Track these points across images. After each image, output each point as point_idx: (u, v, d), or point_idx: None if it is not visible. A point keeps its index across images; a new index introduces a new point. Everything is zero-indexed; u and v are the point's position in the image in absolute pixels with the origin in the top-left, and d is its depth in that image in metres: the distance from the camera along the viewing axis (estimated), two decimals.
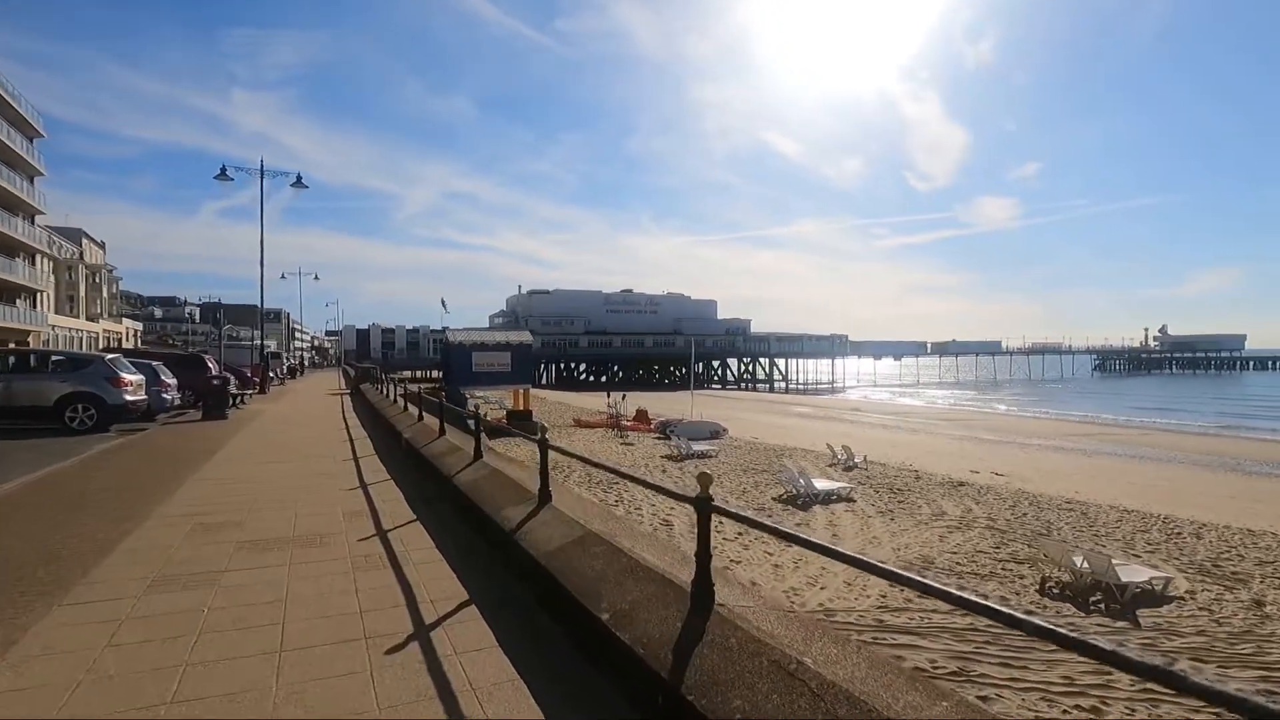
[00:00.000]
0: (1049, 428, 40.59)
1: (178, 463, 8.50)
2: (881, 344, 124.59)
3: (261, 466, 8.28)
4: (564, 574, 3.45)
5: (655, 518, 13.08)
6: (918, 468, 21.56)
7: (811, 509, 14.67)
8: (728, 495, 15.97)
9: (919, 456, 24.99)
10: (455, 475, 6.14)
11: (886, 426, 40.39)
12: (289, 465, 8.42)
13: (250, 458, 8.93)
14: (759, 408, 54.43)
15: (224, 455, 9.15)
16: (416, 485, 7.12)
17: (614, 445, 25.25)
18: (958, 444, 30.88)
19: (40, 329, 46.83)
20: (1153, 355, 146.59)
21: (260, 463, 8.56)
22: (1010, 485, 18.62)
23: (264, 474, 7.73)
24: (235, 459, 8.86)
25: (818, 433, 33.71)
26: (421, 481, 7.26)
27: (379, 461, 8.76)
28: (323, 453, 9.59)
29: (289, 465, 8.42)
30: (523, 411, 28.45)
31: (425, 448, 7.98)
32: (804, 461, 22.02)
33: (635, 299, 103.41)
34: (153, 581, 3.99)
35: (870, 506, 15.04)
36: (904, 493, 16.69)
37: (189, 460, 8.64)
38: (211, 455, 9.11)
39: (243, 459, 8.83)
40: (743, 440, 28.55)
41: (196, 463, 8.42)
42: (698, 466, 20.14)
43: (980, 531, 12.91)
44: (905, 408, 58.60)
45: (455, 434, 8.62)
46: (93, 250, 77.64)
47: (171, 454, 9.21)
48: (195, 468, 8.08)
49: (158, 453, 9.34)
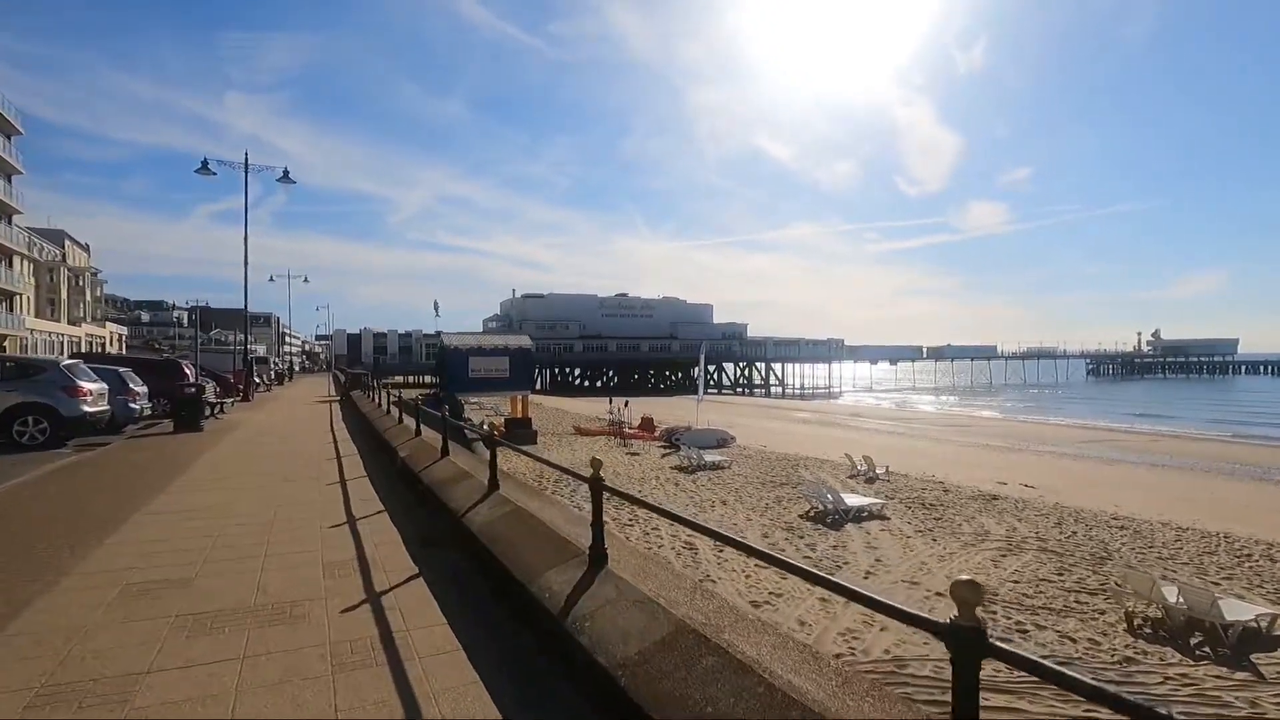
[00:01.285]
0: (1057, 434, 39.58)
1: (130, 488, 7.16)
2: (877, 348, 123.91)
3: (230, 493, 6.96)
4: (663, 705, 2.18)
5: (696, 555, 11.79)
6: (940, 479, 20.41)
7: (844, 528, 13.46)
8: (749, 513, 14.74)
9: (937, 466, 23.84)
10: (467, 514, 4.86)
11: (893, 433, 39.29)
12: (263, 491, 7.10)
13: (219, 481, 7.62)
14: (760, 413, 53.27)
15: (188, 478, 7.83)
16: (416, 521, 5.84)
17: (618, 455, 23.97)
18: (972, 452, 29.78)
19: (17, 333, 45.13)
20: (1146, 360, 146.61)
21: (230, 488, 7.24)
22: (1045, 499, 17.47)
23: (231, 504, 6.41)
24: (200, 483, 7.53)
25: (825, 440, 32.56)
26: (422, 516, 5.97)
27: (370, 486, 7.46)
28: (305, 473, 8.28)
29: (263, 491, 7.10)
30: (522, 419, 27.13)
31: (426, 471, 6.69)
32: (822, 473, 20.84)
33: (630, 303, 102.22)
34: (32, 700, 2.70)
35: (906, 525, 13.84)
36: (937, 508, 15.52)
37: (144, 485, 7.31)
38: (173, 478, 7.79)
39: (209, 483, 7.51)
40: (752, 449, 27.34)
41: (152, 488, 7.10)
42: (710, 479, 18.90)
43: (1035, 555, 11.73)
44: (906, 413, 57.65)
45: (461, 454, 7.34)
46: (76, 253, 75.81)
47: (126, 476, 7.88)
48: (149, 496, 6.76)
49: (110, 475, 8.00)
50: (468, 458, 7.25)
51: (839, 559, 11.28)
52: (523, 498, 5.06)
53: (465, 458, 7.21)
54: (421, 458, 7.47)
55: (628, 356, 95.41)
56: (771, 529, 13.31)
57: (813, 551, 11.70)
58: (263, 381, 32.86)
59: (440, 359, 28.67)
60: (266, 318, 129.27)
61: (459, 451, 7.43)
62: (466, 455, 7.47)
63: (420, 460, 7.34)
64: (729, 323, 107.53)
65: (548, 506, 4.83)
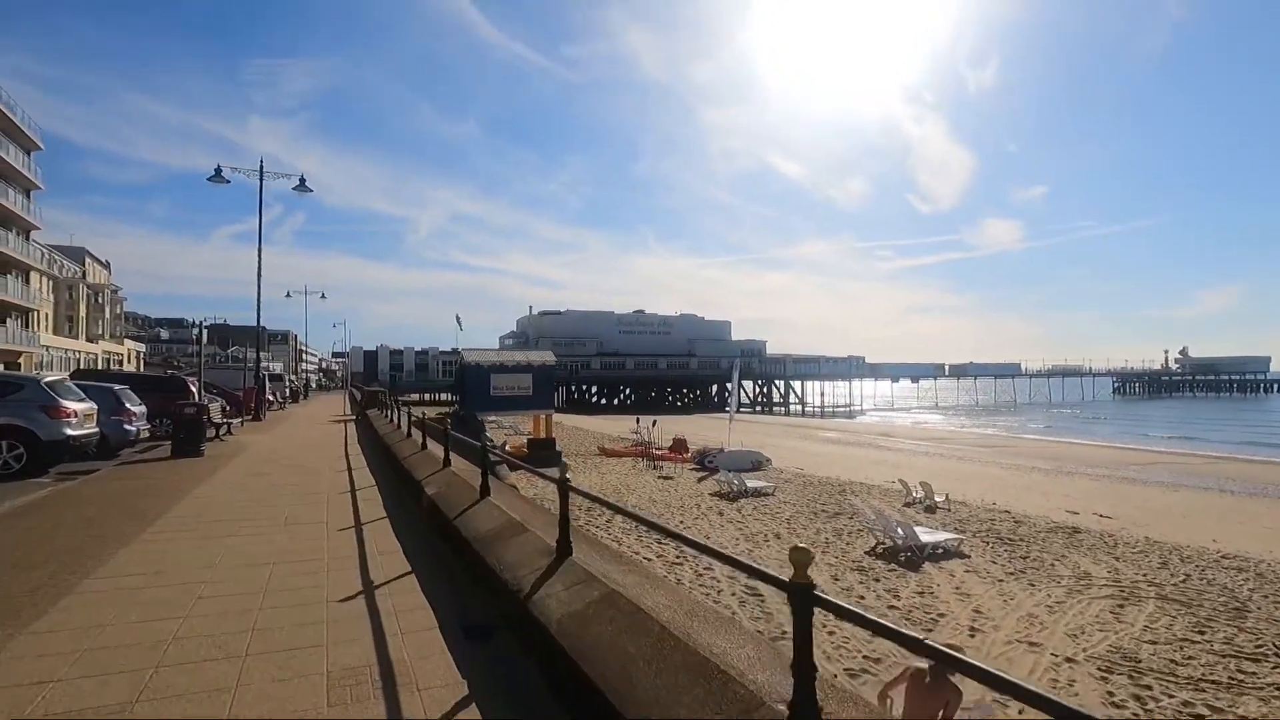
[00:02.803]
0: (1103, 455, 37.51)
1: (93, 536, 5.74)
2: (898, 366, 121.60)
3: (215, 544, 5.55)
4: None
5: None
6: (1004, 507, 18.67)
7: (921, 567, 11.83)
8: (811, 549, 13.12)
9: (992, 491, 22.08)
10: (534, 594, 3.40)
11: (930, 454, 37.44)
12: (257, 542, 5.67)
13: (205, 525, 6.23)
14: (785, 432, 51.49)
15: (170, 520, 6.44)
16: (456, 588, 4.38)
17: (650, 479, 22.41)
18: (1021, 476, 27.89)
19: (32, 350, 44.53)
20: (1174, 377, 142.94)
21: (216, 536, 5.82)
22: (1129, 531, 15.72)
23: (213, 563, 4.99)
24: (182, 528, 6.12)
25: (863, 462, 30.84)
26: (464, 581, 4.51)
27: (391, 532, 6.02)
28: (312, 513, 6.86)
29: (257, 542, 5.67)
30: (546, 440, 25.68)
31: (464, 518, 5.25)
32: (874, 500, 19.16)
33: (648, 319, 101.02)
34: None
35: (992, 564, 12.18)
36: (1017, 543, 13.83)
37: (112, 531, 5.90)
38: (151, 520, 6.39)
39: (192, 528, 6.10)
40: (789, 471, 25.69)
41: (120, 537, 5.70)
42: (756, 508, 17.29)
43: (1157, 605, 10.04)
44: (937, 432, 55.65)
45: (504, 493, 5.89)
46: (96, 270, 75.95)
47: (96, 518, 6.48)
48: (112, 548, 5.36)
49: (77, 516, 6.58)
50: (511, 498, 5.79)
51: (931, 610, 9.66)
52: (610, 569, 3.58)
53: (509, 498, 5.75)
54: (455, 497, 6.03)
55: (645, 374, 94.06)
56: (841, 569, 11.70)
57: (896, 600, 10.08)
58: (276, 399, 31.71)
59: (460, 376, 27.34)
60: (284, 335, 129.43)
61: (501, 490, 5.98)
62: (509, 494, 6.02)
63: (454, 500, 5.89)
64: (748, 339, 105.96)
65: (649, 585, 3.35)
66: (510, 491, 6.14)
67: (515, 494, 6.07)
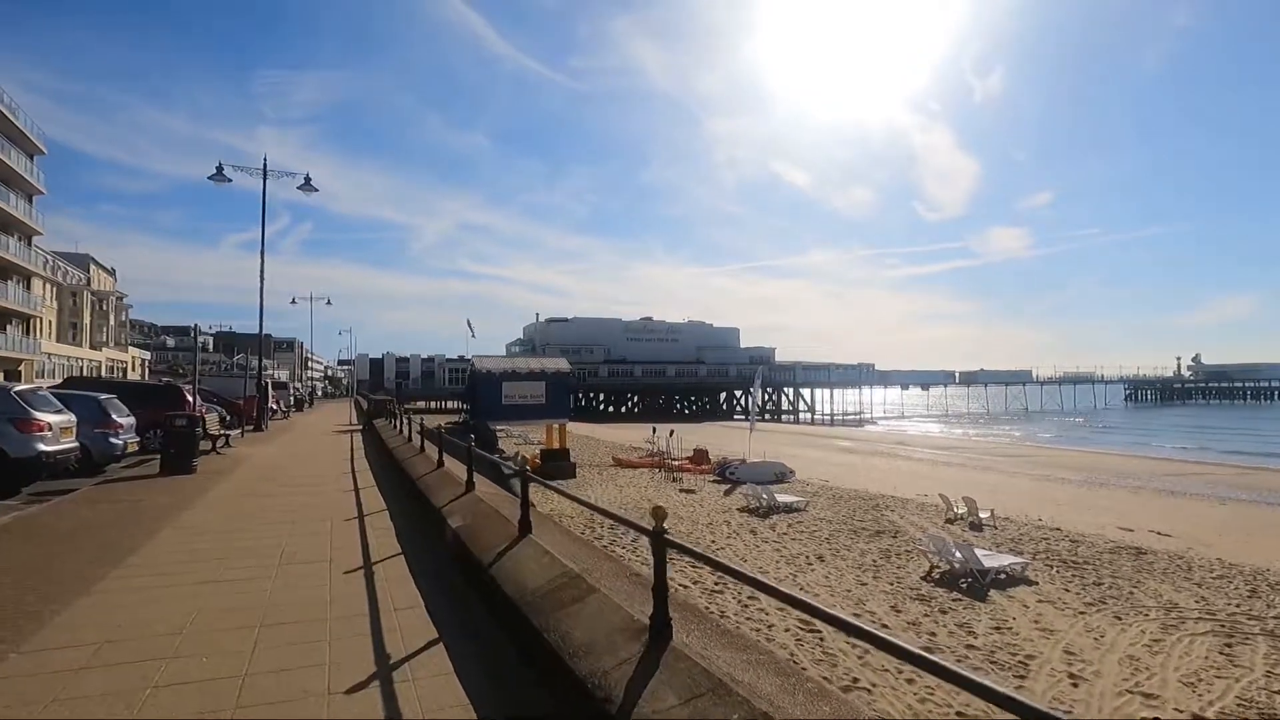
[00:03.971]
0: (1132, 465, 36.16)
1: (43, 584, 4.64)
2: (908, 373, 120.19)
3: (191, 593, 4.44)
4: None
5: None
6: (1051, 523, 17.47)
7: (988, 596, 10.66)
8: (859, 573, 11.98)
9: (1032, 505, 20.89)
10: (633, 714, 2.30)
11: (951, 464, 36.20)
12: (245, 590, 4.58)
13: (183, 565, 5.12)
14: (799, 441, 50.21)
15: (141, 559, 5.34)
16: (502, 683, 3.27)
17: (670, 492, 21.26)
18: (1056, 488, 26.64)
19: (32, 357, 43.73)
20: (1187, 385, 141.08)
21: (194, 582, 4.73)
22: (1196, 551, 14.53)
23: (181, 630, 3.81)
24: (154, 570, 5.02)
25: (888, 473, 29.63)
26: (514, 670, 3.40)
27: (411, 580, 4.89)
28: (312, 549, 5.76)
29: (245, 590, 4.58)
30: (559, 450, 24.56)
31: (503, 565, 4.15)
32: (914, 516, 17.99)
33: (656, 327, 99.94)
34: None
35: (1065, 592, 11.01)
36: (1083, 567, 12.65)
37: (67, 576, 4.81)
38: (118, 558, 5.30)
39: (167, 570, 5.00)
40: (815, 483, 24.51)
41: (77, 583, 4.59)
42: (790, 525, 16.13)
43: (1270, 645, 8.85)
44: (953, 441, 54.32)
45: (546, 530, 4.78)
46: (101, 277, 75.35)
47: (55, 555, 5.38)
48: (55, 607, 4.15)
49: (30, 554, 5.41)
50: (556, 535, 4.67)
51: (1015, 649, 8.50)
52: (736, 664, 2.48)
53: (553, 534, 4.64)
54: (486, 532, 4.93)
55: (654, 381, 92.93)
56: (900, 598, 10.54)
57: (973, 637, 8.92)
58: (279, 408, 30.67)
59: (471, 384, 26.27)
60: (290, 343, 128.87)
61: (543, 525, 4.88)
62: (549, 528, 4.92)
63: (485, 537, 4.79)
64: (756, 347, 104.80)
65: (771, 669, 2.25)
66: (550, 525, 5.04)
67: (558, 529, 4.96)
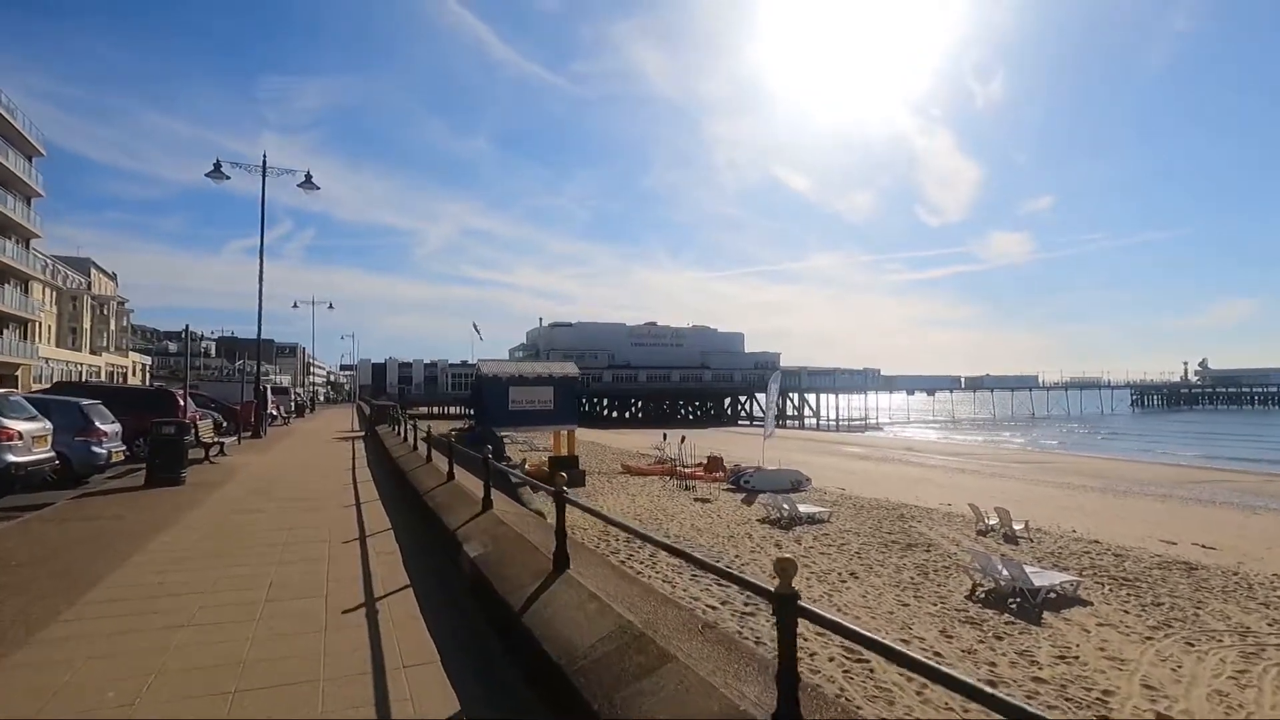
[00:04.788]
0: (1152, 473, 35.29)
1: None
2: (913, 378, 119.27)
3: (154, 650, 3.54)
4: None
5: None
6: (1087, 535, 16.62)
7: (1043, 619, 9.81)
8: (898, 592, 11.12)
9: (1061, 516, 20.05)
10: None
11: (964, 470, 35.35)
12: (223, 639, 3.74)
13: (149, 607, 4.21)
14: (809, 448, 49.37)
15: (103, 594, 4.49)
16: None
17: (683, 501, 20.40)
18: (1080, 496, 25.77)
19: (30, 361, 43.01)
20: (1194, 390, 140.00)
21: (162, 627, 3.90)
22: (1250, 567, 13.66)
23: (136, 698, 2.97)
24: (115, 611, 4.15)
25: (904, 481, 28.76)
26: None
27: (423, 623, 4.07)
28: (306, 581, 4.90)
29: (223, 639, 3.74)
30: (569, 458, 23.73)
31: (539, 613, 3.32)
32: (942, 527, 17.13)
33: (660, 332, 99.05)
34: None
35: (1123, 613, 10.15)
36: (1136, 585, 11.79)
37: (7, 618, 4.00)
38: (77, 593, 4.45)
39: (130, 613, 4.10)
40: (832, 492, 23.65)
41: (14, 631, 3.79)
42: (815, 538, 15.27)
43: None
44: (964, 447, 53.48)
45: (590, 563, 3.96)
46: (102, 281, 74.75)
47: (2, 587, 4.58)
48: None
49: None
50: (602, 572, 3.85)
51: (1088, 682, 7.64)
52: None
53: (599, 572, 3.82)
54: (513, 565, 4.11)
55: (658, 386, 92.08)
56: (948, 621, 9.69)
57: (1038, 668, 8.06)
58: (280, 414, 29.86)
59: (476, 389, 25.45)
60: (292, 348, 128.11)
61: (579, 555, 4.06)
62: (592, 560, 4.10)
63: (513, 572, 3.98)
64: (761, 352, 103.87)
65: None
66: (587, 555, 4.22)
67: (598, 560, 4.13)
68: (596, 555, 4.36)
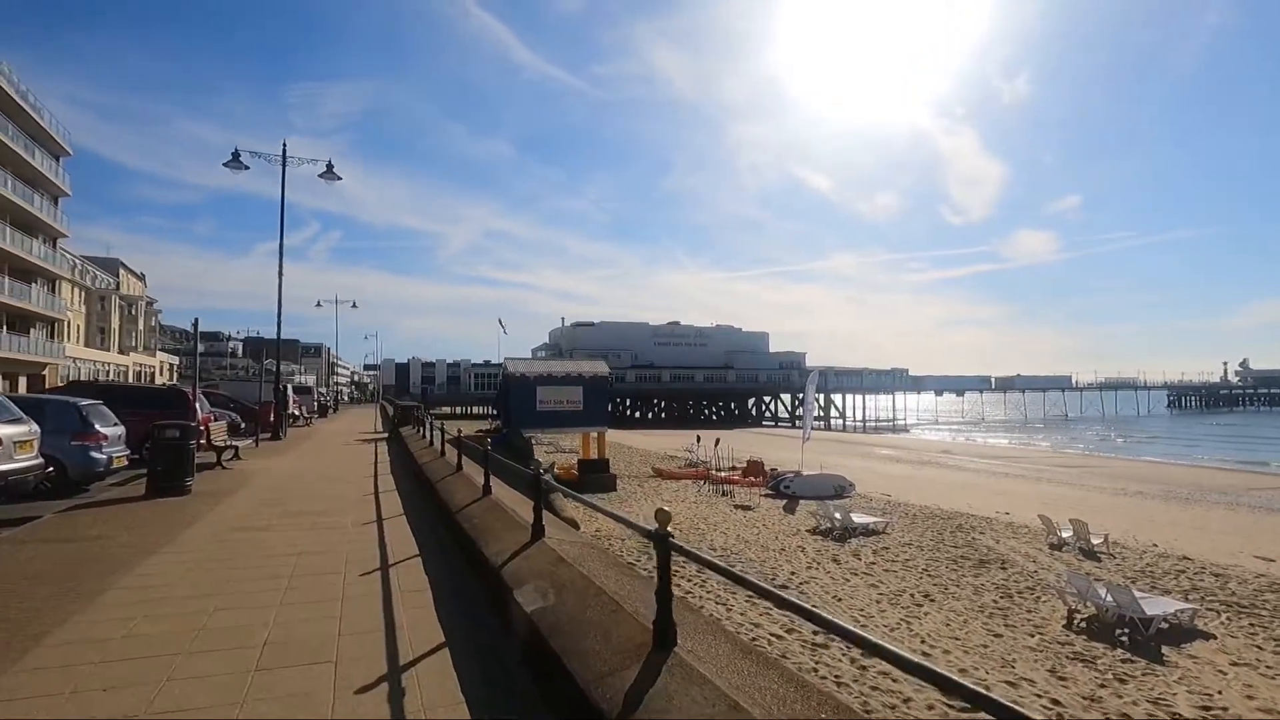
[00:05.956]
0: (1210, 478, 33.29)
1: None
2: (942, 378, 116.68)
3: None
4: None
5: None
6: (1169, 550, 15.12)
7: (1164, 656, 8.46)
8: (984, 619, 9.81)
9: (1132, 527, 18.46)
10: None
11: (1010, 475, 33.65)
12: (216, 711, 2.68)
13: (101, 676, 3.17)
14: (840, 450, 47.80)
15: (46, 655, 3.42)
16: None
17: (723, 509, 19.16)
18: (1142, 504, 24.08)
19: (57, 360, 42.99)
20: (1233, 391, 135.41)
21: (127, 699, 2.85)
22: None
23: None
24: (56, 682, 3.11)
25: (951, 486, 27.22)
26: None
27: (465, 709, 2.96)
28: (314, 634, 3.81)
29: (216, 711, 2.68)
30: (598, 461, 22.62)
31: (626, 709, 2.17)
32: (1009, 539, 15.72)
33: (683, 331, 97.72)
34: None
35: (1256, 649, 8.75)
36: (1255, 612, 10.35)
37: None
38: (14, 655, 3.43)
39: (72, 689, 3.09)
40: (877, 498, 22.27)
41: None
42: (874, 552, 13.96)
43: None
44: (1002, 450, 51.56)
45: (698, 631, 2.80)
46: (130, 282, 75.28)
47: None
48: None
49: None
50: (729, 657, 2.69)
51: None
52: None
53: (723, 656, 2.66)
54: (588, 633, 2.96)
55: (682, 387, 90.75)
56: (1053, 657, 8.38)
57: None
58: (302, 414, 29.13)
59: (503, 389, 24.41)
60: (317, 348, 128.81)
61: (683, 618, 2.89)
62: (716, 639, 2.91)
63: (594, 646, 2.83)
64: (786, 352, 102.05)
65: None
66: (696, 620, 3.04)
67: (714, 629, 2.95)
68: (697, 613, 3.18)
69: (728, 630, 2.96)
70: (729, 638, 2.81)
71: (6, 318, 37.98)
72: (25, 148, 37.92)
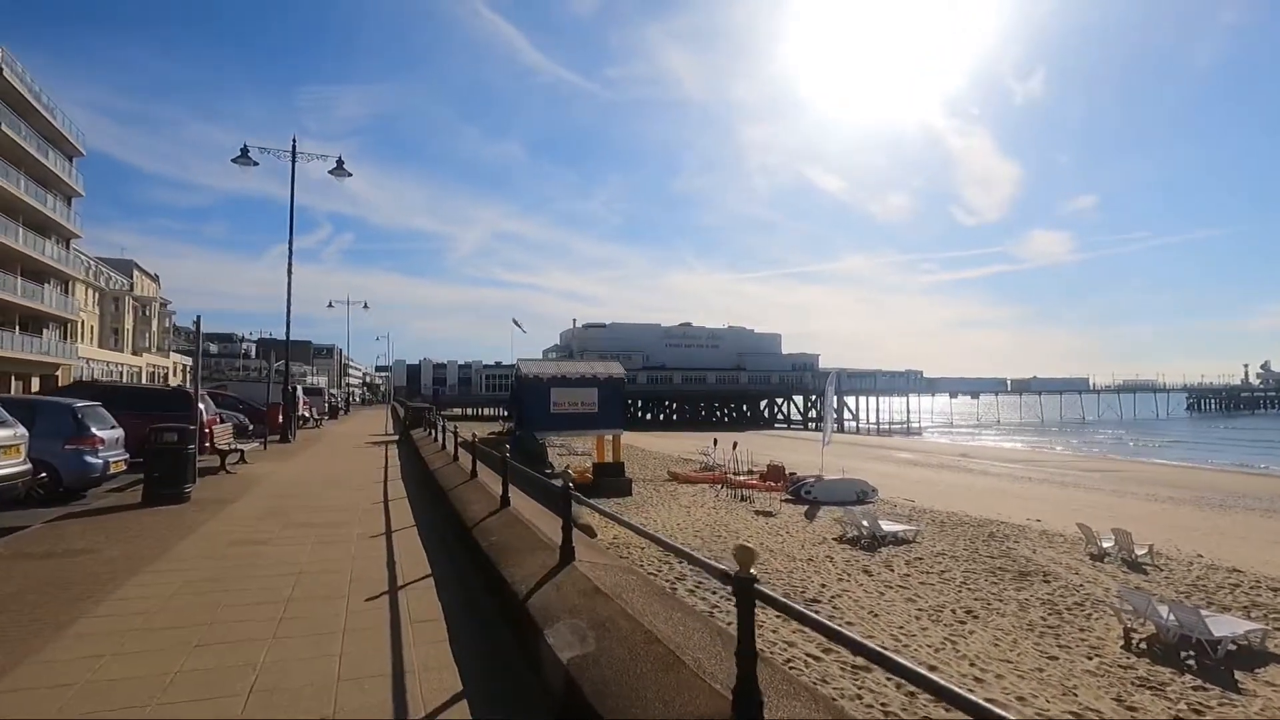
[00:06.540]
0: (1241, 483, 32.29)
1: None
2: (957, 380, 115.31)
3: None
4: None
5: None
6: (1218, 561, 14.34)
7: (1239, 683, 7.76)
8: (1035, 639, 9.13)
9: (1171, 536, 17.64)
10: None
11: (1035, 480, 32.74)
12: None
13: (70, 712, 2.72)
14: (855, 453, 46.94)
15: (19, 683, 2.97)
16: None
17: (744, 515, 18.51)
18: (1176, 511, 23.20)
19: (69, 361, 42.94)
20: (1255, 393, 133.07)
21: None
22: None
23: None
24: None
25: (976, 491, 26.40)
26: None
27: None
28: (308, 678, 3.27)
29: None
30: (614, 465, 22.04)
31: None
32: (1047, 548, 14.99)
33: (695, 333, 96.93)
34: None
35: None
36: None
37: None
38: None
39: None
40: (900, 504, 21.54)
41: None
42: (907, 563, 13.28)
43: None
44: (1020, 454, 50.57)
45: (785, 695, 2.21)
46: (144, 283, 75.54)
47: None
48: None
49: None
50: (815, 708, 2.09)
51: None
52: None
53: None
54: (647, 694, 2.37)
55: (693, 389, 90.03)
56: (1116, 683, 7.70)
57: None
58: (312, 416, 28.74)
59: (516, 391, 23.89)
60: (329, 349, 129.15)
61: (772, 674, 2.30)
62: (807, 705, 2.32)
63: (653, 713, 2.23)
64: (799, 353, 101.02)
65: None
66: (785, 682, 2.44)
67: (800, 689, 2.36)
68: (773, 666, 2.58)
69: (821, 694, 2.35)
70: (826, 705, 2.21)
71: (19, 318, 37.92)
72: (38, 148, 37.87)
